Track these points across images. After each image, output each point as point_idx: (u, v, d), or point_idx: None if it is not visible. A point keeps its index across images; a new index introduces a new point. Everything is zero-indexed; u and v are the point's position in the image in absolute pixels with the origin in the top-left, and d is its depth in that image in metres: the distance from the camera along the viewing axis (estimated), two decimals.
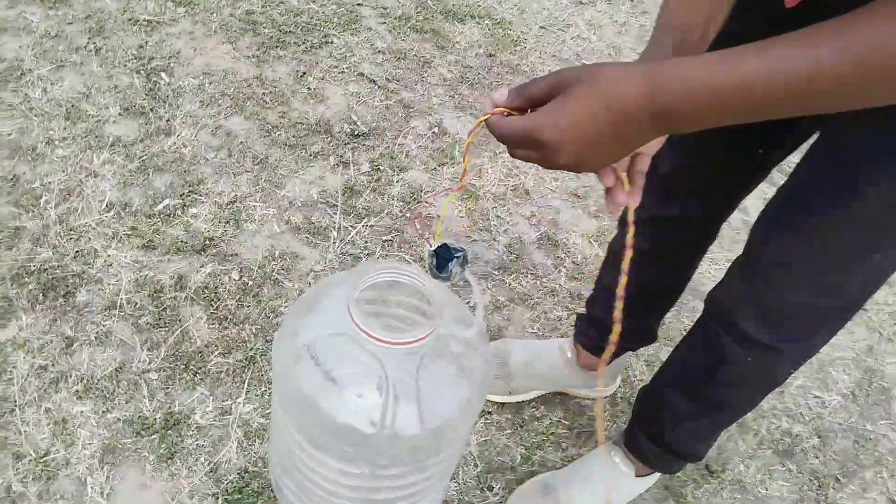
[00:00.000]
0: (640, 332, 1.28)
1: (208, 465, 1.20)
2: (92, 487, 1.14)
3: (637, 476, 1.24)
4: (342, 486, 0.91)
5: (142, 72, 1.84)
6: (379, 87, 1.99)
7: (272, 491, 1.17)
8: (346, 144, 1.80)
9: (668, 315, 1.33)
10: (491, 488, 1.28)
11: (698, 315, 1.03)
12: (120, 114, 1.73)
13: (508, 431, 1.36)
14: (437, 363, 0.84)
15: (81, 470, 1.16)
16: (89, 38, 1.90)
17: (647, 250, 1.12)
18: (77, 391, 1.24)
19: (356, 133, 1.83)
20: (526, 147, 0.61)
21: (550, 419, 1.39)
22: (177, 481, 1.17)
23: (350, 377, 0.84)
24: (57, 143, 1.63)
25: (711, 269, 1.75)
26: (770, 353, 0.91)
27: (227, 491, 1.17)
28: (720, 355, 0.97)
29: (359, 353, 0.80)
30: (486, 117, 0.64)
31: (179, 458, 1.19)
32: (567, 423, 1.39)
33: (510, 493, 1.26)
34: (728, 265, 0.98)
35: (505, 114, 0.63)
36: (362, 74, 2.01)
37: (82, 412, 1.22)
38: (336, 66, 2.01)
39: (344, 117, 1.87)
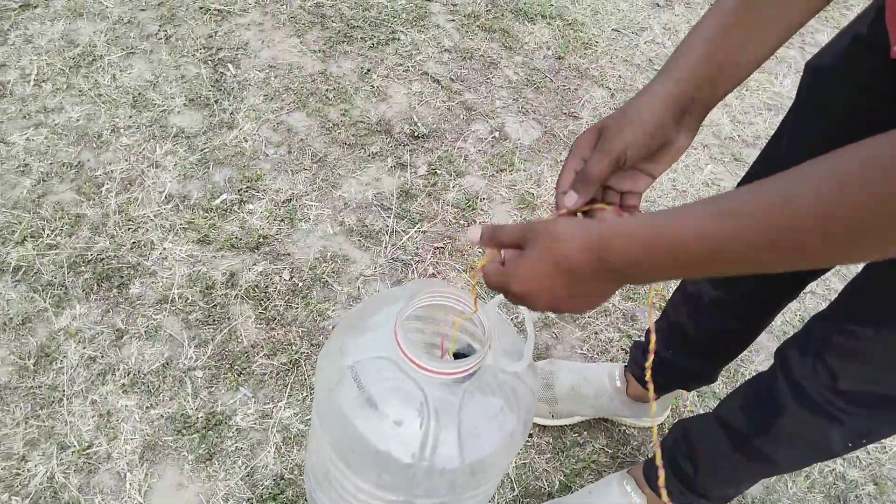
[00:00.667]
0: (701, 375, 1.22)
1: (245, 468, 1.20)
2: (131, 484, 1.15)
3: None
4: None
5: (209, 62, 1.85)
6: (442, 87, 1.96)
7: (306, 501, 1.16)
8: (404, 146, 1.78)
9: None
10: None
11: (759, 351, 0.97)
12: (185, 104, 1.74)
13: (548, 455, 1.32)
14: (482, 394, 0.81)
15: (122, 465, 1.17)
16: (160, 26, 1.92)
17: (718, 298, 1.06)
18: (123, 385, 1.26)
19: (416, 134, 1.81)
20: (507, 295, 0.64)
21: (593, 446, 1.35)
22: (213, 483, 1.17)
23: (392, 403, 0.82)
24: (122, 131, 1.65)
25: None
26: (832, 422, 0.85)
27: (261, 497, 1.17)
28: (778, 410, 0.91)
29: (402, 378, 0.79)
30: (482, 263, 0.66)
31: (218, 460, 1.20)
32: (610, 451, 1.35)
33: None
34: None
35: (501, 261, 0.66)
36: (426, 73, 1.98)
37: (127, 406, 1.23)
38: (401, 64, 1.99)
39: (405, 117, 1.85)
